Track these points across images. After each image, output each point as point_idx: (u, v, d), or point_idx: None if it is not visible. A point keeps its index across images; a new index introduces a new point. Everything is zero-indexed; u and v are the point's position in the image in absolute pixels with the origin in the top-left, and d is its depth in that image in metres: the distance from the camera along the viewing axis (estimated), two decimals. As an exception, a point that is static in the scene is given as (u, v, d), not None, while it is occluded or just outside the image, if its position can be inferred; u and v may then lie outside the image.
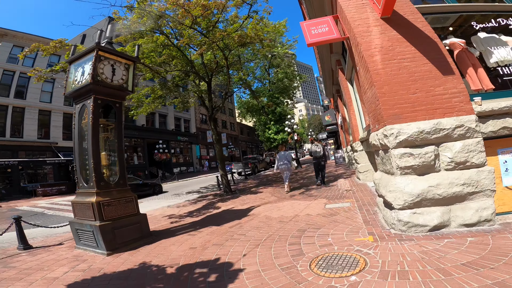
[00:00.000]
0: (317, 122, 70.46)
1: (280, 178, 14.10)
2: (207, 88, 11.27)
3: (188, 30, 8.76)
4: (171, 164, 31.18)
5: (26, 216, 9.68)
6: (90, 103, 4.65)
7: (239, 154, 48.27)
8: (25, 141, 20.32)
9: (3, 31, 20.98)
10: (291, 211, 5.85)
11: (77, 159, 5.01)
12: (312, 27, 5.45)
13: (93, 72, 4.54)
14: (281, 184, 11.27)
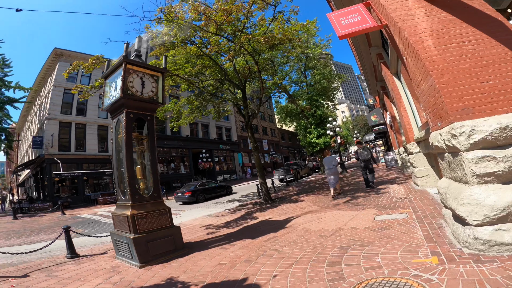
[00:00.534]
0: (363, 122, 66.74)
1: (323, 185, 13.27)
2: (242, 96, 11.18)
3: (214, 37, 8.77)
4: (214, 172, 32.10)
5: (84, 224, 10.69)
6: (123, 117, 4.73)
7: (281, 160, 47.69)
8: (87, 154, 22.86)
9: (59, 51, 23.84)
10: (334, 223, 5.19)
11: (115, 173, 5.16)
12: (342, 18, 4.83)
13: (123, 86, 4.62)
14: (324, 192, 10.51)
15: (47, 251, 5.57)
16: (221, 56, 10.25)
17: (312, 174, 24.13)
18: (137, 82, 4.92)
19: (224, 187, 16.81)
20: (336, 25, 4.76)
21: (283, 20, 8.55)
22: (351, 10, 4.93)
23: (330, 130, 19.44)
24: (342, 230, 4.59)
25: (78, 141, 22.76)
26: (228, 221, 7.49)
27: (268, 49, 9.11)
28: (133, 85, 4.83)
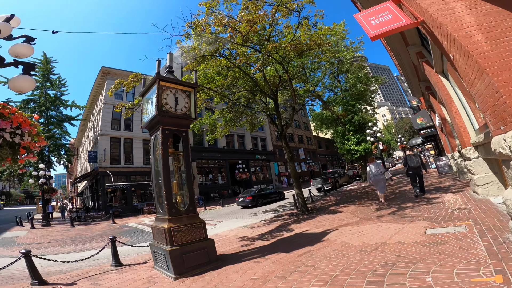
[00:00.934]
0: (407, 125, 62.15)
1: (364, 194, 12.42)
2: (274, 106, 11.09)
3: (242, 48, 8.88)
4: (251, 182, 32.23)
5: (130, 232, 11.39)
6: (159, 134, 4.90)
7: (319, 168, 46.27)
8: (135, 167, 24.66)
9: (106, 69, 26.11)
10: (377, 237, 4.72)
11: (154, 187, 5.35)
12: (371, 18, 4.51)
13: (158, 103, 4.81)
14: (366, 202, 9.79)
15: (96, 259, 5.96)
16: (251, 66, 10.37)
17: (352, 183, 22.84)
18: (170, 98, 5.09)
19: (278, 193, 18.11)
20: (365, 25, 4.47)
21: (309, 26, 8.39)
22: (380, 8, 4.60)
23: (370, 136, 18.30)
24: (386, 245, 4.14)
25: (127, 155, 24.73)
26: (263, 233, 7.33)
27: (297, 56, 8.96)
28: (167, 101, 5.00)
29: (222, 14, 8.14)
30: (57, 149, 22.75)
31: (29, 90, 2.96)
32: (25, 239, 10.70)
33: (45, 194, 17.45)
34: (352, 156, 20.99)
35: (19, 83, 2.83)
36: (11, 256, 6.86)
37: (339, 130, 22.06)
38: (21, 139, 2.49)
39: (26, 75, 2.91)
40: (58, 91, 23.84)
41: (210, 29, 8.43)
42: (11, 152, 2.46)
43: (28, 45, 3.03)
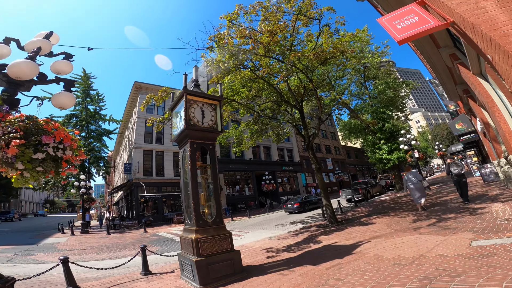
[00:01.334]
0: (445, 131, 57.94)
1: (399, 205, 11.63)
2: (300, 116, 10.98)
3: (264, 59, 8.95)
4: (278, 193, 31.95)
5: (160, 241, 11.72)
6: (188, 148, 5.05)
7: (348, 178, 44.56)
8: (165, 178, 25.65)
9: (139, 84, 27.60)
10: (414, 250, 4.36)
11: (183, 199, 5.48)
12: (395, 21, 4.34)
13: (186, 117, 4.97)
14: (401, 212, 9.16)
15: (127, 267, 6.18)
16: (274, 77, 10.41)
17: (385, 193, 21.66)
18: (197, 112, 5.24)
19: (319, 201, 18.55)
20: (391, 29, 4.31)
21: (330, 33, 8.26)
22: (405, 11, 4.42)
23: (404, 144, 17.25)
24: (425, 258, 3.81)
25: (158, 167, 25.87)
26: (289, 245, 7.13)
27: (320, 64, 8.84)
28: (194, 115, 5.15)
29: (243, 26, 8.34)
30: (97, 161, 24.47)
31: (70, 106, 3.21)
32: (65, 245, 11.46)
33: (85, 203, 18.75)
34: (384, 166, 19.92)
35: (61, 99, 3.09)
36: (50, 261, 7.36)
37: (369, 139, 21.14)
38: (63, 153, 2.68)
39: (67, 92, 3.17)
40: (97, 106, 25.81)
41: (233, 41, 8.64)
42: (54, 165, 2.64)
43: (68, 62, 3.32)
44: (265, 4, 8.61)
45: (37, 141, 2.47)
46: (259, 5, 8.57)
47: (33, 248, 10.49)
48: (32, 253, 9.19)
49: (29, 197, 66.85)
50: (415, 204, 9.09)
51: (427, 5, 4.29)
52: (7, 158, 2.35)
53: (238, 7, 8.42)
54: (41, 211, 61.00)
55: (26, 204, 64.23)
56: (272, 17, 8.19)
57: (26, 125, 2.51)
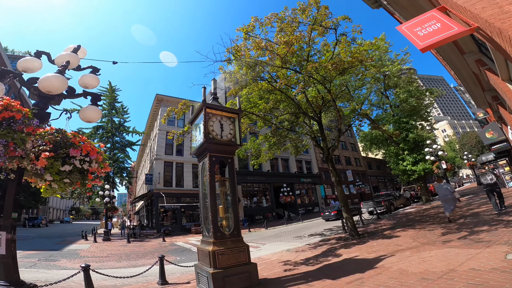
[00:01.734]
0: (473, 140, 54.77)
1: (425, 217, 11.01)
2: (318, 128, 10.84)
3: (281, 71, 8.96)
4: (296, 205, 31.42)
5: (178, 251, 11.77)
6: (207, 161, 5.10)
7: (369, 190, 42.99)
8: (185, 189, 26.06)
9: (160, 97, 28.46)
10: (443, 264, 4.08)
11: (201, 211, 5.52)
12: (416, 28, 4.21)
13: (205, 130, 5.03)
14: (428, 225, 8.68)
15: (144, 276, 6.25)
16: (292, 88, 10.39)
17: (410, 205, 20.61)
18: (216, 125, 5.30)
19: (357, 209, 17.98)
20: (412, 37, 4.19)
21: (348, 42, 8.16)
22: (426, 18, 4.30)
23: (430, 154, 16.40)
24: (456, 272, 3.55)
25: (178, 178, 26.41)
26: (307, 258, 6.90)
27: (338, 74, 8.71)
28: (213, 128, 5.21)
29: (259, 38, 8.46)
30: (120, 172, 25.41)
31: (96, 120, 3.39)
32: (87, 252, 11.83)
33: (108, 212, 19.41)
34: (409, 177, 19.03)
35: (88, 114, 3.26)
36: (72, 268, 7.62)
37: (392, 150, 20.34)
38: (89, 165, 2.80)
39: (94, 106, 3.34)
40: (122, 118, 27.00)
41: (249, 53, 8.77)
42: (80, 177, 2.78)
43: (95, 76, 3.52)
44: (280, 15, 8.75)
45: (65, 153, 2.60)
46: (274, 16, 8.73)
47: (57, 254, 10.92)
48: (55, 259, 9.56)
49: (57, 204, 70.36)
50: (444, 217, 8.79)
51: (449, 11, 4.16)
52: (36, 169, 2.48)
53: (253, 19, 8.62)
54: (66, 218, 63.83)
55: (53, 210, 67.50)
56: (288, 28, 8.27)
57: (55, 138, 2.66)
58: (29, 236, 19.98)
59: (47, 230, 28.16)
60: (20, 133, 2.28)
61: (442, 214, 10.75)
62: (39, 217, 37.58)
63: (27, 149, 2.37)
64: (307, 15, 8.45)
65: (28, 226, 32.92)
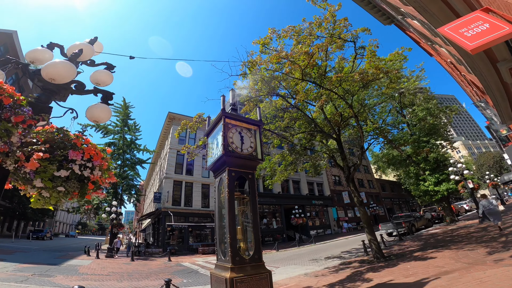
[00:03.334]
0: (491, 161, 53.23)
1: (459, 237, 10.39)
2: (337, 146, 10.38)
3: (301, 84, 8.68)
4: (307, 227, 30.55)
5: (184, 273, 10.93)
6: (225, 176, 4.59)
7: (384, 212, 41.67)
8: (193, 209, 25.41)
9: (172, 115, 28.29)
10: (509, 284, 3.36)
11: (217, 232, 4.92)
12: (462, 29, 3.89)
13: (224, 142, 4.57)
14: (466, 245, 8.04)
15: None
16: (309, 104, 10.06)
17: (431, 226, 19.64)
18: (236, 137, 4.84)
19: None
20: (459, 38, 3.85)
21: (373, 52, 7.82)
22: (470, 19, 4.00)
23: (455, 174, 15.61)
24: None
25: (187, 197, 25.89)
26: (331, 283, 6.15)
27: (362, 88, 8.35)
28: (233, 140, 4.75)
29: (279, 49, 8.29)
30: (129, 189, 25.06)
31: (105, 120, 2.91)
32: (87, 269, 11.11)
33: (114, 228, 18.80)
34: (431, 198, 18.04)
35: (96, 112, 2.80)
36: (67, 285, 7.09)
37: (412, 170, 19.48)
38: (91, 173, 2.33)
39: (104, 104, 2.89)
40: (134, 136, 27.00)
41: (268, 64, 8.60)
42: (79, 186, 2.29)
43: (109, 73, 3.10)
44: (297, 28, 8.64)
45: (63, 156, 2.16)
46: (291, 29, 8.58)
47: (55, 269, 10.34)
48: (51, 274, 8.99)
49: (64, 218, 70.80)
50: (480, 236, 9.41)
51: (494, 12, 3.87)
52: (24, 173, 2.01)
53: (271, 31, 8.49)
54: (72, 232, 62.98)
55: (60, 224, 67.63)
56: (306, 40, 8.10)
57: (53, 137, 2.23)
58: (31, 248, 19.53)
59: (51, 243, 27.63)
60: (5, 122, 1.80)
61: (476, 234, 10.28)
62: (44, 230, 37.28)
63: (12, 144, 1.88)
64: (326, 28, 8.27)
65: (32, 238, 32.64)
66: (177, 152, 26.70)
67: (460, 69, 14.44)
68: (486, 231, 10.52)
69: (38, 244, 24.63)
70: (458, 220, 18.48)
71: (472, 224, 14.50)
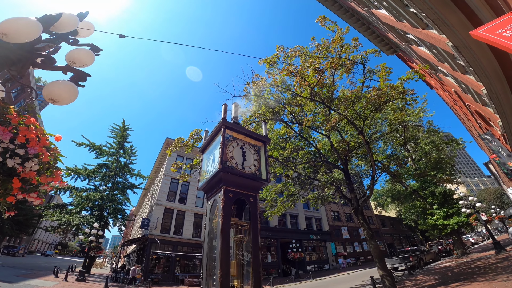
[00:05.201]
0: (491, 196, 57.41)
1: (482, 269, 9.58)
2: (344, 177, 9.72)
3: (309, 105, 8.20)
4: (304, 262, 29.06)
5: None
6: (221, 197, 3.69)
7: (384, 247, 40.63)
8: (183, 238, 23.86)
9: (170, 141, 27.30)
10: None
11: (204, 265, 3.87)
12: (499, 30, 3.52)
13: (222, 155, 3.79)
14: (495, 276, 7.27)
15: None
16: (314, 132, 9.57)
17: (440, 260, 18.77)
18: (237, 152, 4.06)
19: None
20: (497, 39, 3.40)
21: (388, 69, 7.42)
22: (506, 20, 3.64)
23: (466, 207, 14.98)
24: None
25: (177, 226, 24.45)
26: None
27: (375, 110, 7.85)
28: (232, 155, 3.96)
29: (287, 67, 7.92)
30: (116, 213, 23.54)
31: (67, 102, 2.15)
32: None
33: (91, 251, 17.15)
34: (440, 232, 17.29)
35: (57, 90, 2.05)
36: None
37: (418, 205, 18.84)
38: (22, 164, 1.63)
39: (70, 82, 2.18)
40: (128, 159, 26.01)
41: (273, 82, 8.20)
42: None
43: (90, 53, 2.43)
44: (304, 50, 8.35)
45: None
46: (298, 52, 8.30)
47: (6, 287, 9.10)
48: None
49: (43, 237, 67.99)
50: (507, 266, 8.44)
51: None
52: None
53: (278, 48, 8.15)
54: (49, 252, 59.35)
55: (38, 242, 64.70)
56: (315, 59, 7.76)
57: None
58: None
59: (20, 260, 25.87)
60: None
61: (500, 264, 9.51)
62: (17, 247, 35.58)
63: None
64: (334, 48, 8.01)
65: (3, 253, 30.95)
66: (171, 179, 25.73)
67: (465, 99, 14.23)
68: (509, 261, 9.64)
69: (6, 260, 22.87)
70: (469, 253, 17.64)
71: (488, 255, 13.54)
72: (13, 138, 1.59)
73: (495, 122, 12.08)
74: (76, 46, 2.51)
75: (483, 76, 7.04)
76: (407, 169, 18.70)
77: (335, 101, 7.96)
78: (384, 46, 15.68)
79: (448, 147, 18.69)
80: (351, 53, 7.82)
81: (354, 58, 7.79)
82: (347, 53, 7.73)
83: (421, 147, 18.11)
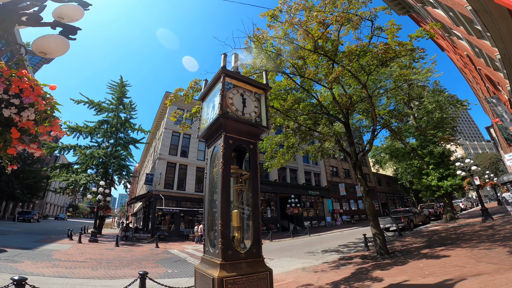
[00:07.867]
0: (487, 162, 58.13)
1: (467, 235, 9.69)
2: (345, 130, 9.68)
3: (312, 57, 7.81)
4: (302, 218, 30.01)
5: (170, 261, 10.19)
6: (221, 144, 3.68)
7: (378, 207, 41.64)
8: (186, 193, 24.71)
9: (170, 94, 27.31)
10: None
11: (206, 217, 3.95)
12: None
13: (221, 101, 3.72)
14: (479, 244, 7.57)
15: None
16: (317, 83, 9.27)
17: (428, 223, 19.53)
18: (237, 99, 3.99)
19: None
20: None
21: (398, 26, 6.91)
22: None
23: (461, 169, 15.16)
24: None
25: (180, 181, 25.06)
26: (335, 281, 5.52)
27: (380, 65, 7.50)
28: (232, 102, 3.89)
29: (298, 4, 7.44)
30: (120, 169, 24.21)
31: (58, 54, 2.11)
32: (62, 254, 10.26)
33: (100, 211, 17.92)
34: (433, 194, 17.70)
35: (47, 43, 2.01)
36: (30, 273, 6.48)
37: (415, 164, 18.97)
38: (18, 113, 1.63)
39: (60, 35, 2.13)
40: (129, 114, 26.04)
41: (275, 35, 7.73)
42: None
43: (79, 7, 2.28)
44: (307, 5, 7.70)
45: None
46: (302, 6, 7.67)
47: (26, 253, 9.58)
48: (19, 259, 8.28)
49: (54, 200, 68.73)
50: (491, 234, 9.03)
51: None
52: None
53: (282, 1, 7.59)
54: (62, 215, 61.07)
55: (50, 206, 65.91)
56: (320, 13, 7.20)
57: None
58: (12, 230, 18.77)
59: (36, 226, 26.78)
60: None
61: (485, 232, 9.80)
62: (31, 212, 35.96)
63: None
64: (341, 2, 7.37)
65: (18, 220, 31.65)
66: (173, 132, 25.79)
67: (476, 63, 13.65)
68: (494, 229, 10.07)
69: (22, 227, 23.76)
70: (458, 218, 18.25)
71: (474, 222, 14.12)
72: (7, 89, 1.59)
73: (504, 87, 11.83)
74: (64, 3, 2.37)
75: (499, 41, 6.75)
76: (408, 127, 18.74)
77: (339, 55, 7.59)
78: (397, 5, 14.60)
79: (452, 107, 18.43)
80: (359, 9, 7.29)
81: (362, 14, 7.25)
82: (355, 8, 7.21)
83: (424, 106, 17.91)
